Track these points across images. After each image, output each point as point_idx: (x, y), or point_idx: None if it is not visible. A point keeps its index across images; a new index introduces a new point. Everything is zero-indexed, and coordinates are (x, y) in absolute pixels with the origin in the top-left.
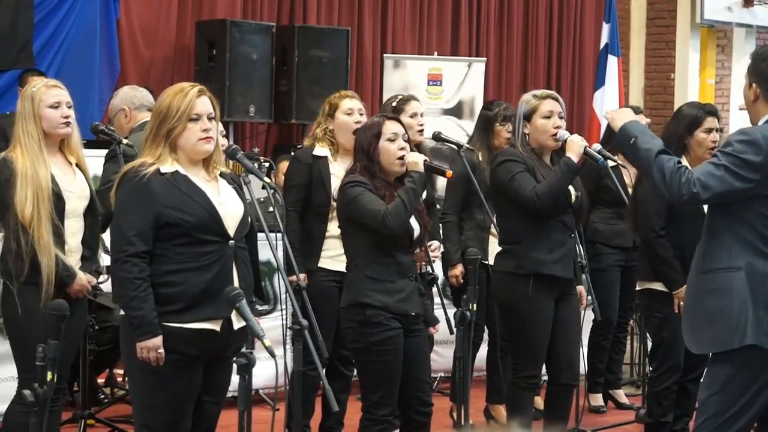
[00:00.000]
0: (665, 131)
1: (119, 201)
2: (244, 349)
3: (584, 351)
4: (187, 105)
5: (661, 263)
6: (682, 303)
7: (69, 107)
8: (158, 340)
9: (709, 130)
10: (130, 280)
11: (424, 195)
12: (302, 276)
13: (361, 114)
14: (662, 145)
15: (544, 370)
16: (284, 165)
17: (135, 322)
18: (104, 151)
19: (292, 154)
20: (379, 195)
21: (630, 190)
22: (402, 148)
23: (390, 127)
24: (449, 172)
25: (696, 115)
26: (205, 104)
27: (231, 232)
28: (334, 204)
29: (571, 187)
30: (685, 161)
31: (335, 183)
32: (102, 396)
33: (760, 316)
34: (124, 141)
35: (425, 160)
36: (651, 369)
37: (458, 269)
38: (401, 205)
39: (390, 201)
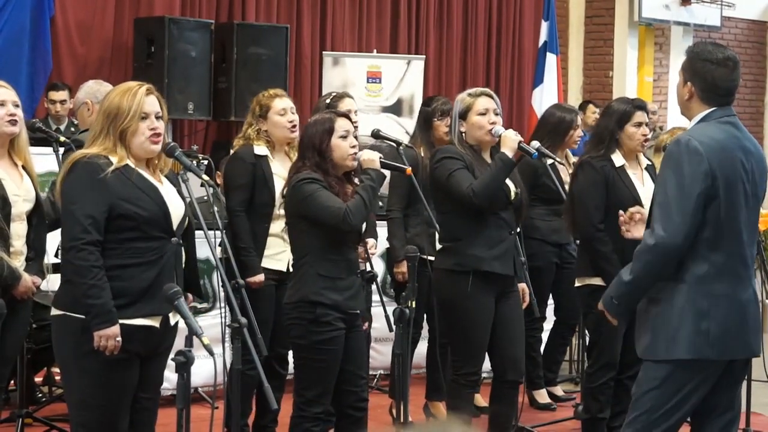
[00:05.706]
0: (597, 128)
1: (71, 188)
2: (183, 347)
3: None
4: (138, 104)
5: (600, 258)
6: None
7: (16, 106)
8: (117, 329)
9: (639, 124)
10: (88, 268)
11: None
12: (260, 277)
13: (293, 112)
14: (620, 278)
15: (484, 367)
16: None
17: (94, 310)
18: (41, 149)
19: (232, 152)
20: (333, 192)
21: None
22: (354, 146)
23: (341, 124)
24: (408, 169)
25: (625, 109)
26: (152, 103)
27: (174, 229)
28: (277, 203)
29: (511, 184)
30: (618, 155)
31: (277, 182)
32: (40, 395)
33: (702, 328)
34: (61, 138)
35: (381, 158)
36: (587, 365)
37: (404, 266)
38: (361, 203)
39: (342, 198)
